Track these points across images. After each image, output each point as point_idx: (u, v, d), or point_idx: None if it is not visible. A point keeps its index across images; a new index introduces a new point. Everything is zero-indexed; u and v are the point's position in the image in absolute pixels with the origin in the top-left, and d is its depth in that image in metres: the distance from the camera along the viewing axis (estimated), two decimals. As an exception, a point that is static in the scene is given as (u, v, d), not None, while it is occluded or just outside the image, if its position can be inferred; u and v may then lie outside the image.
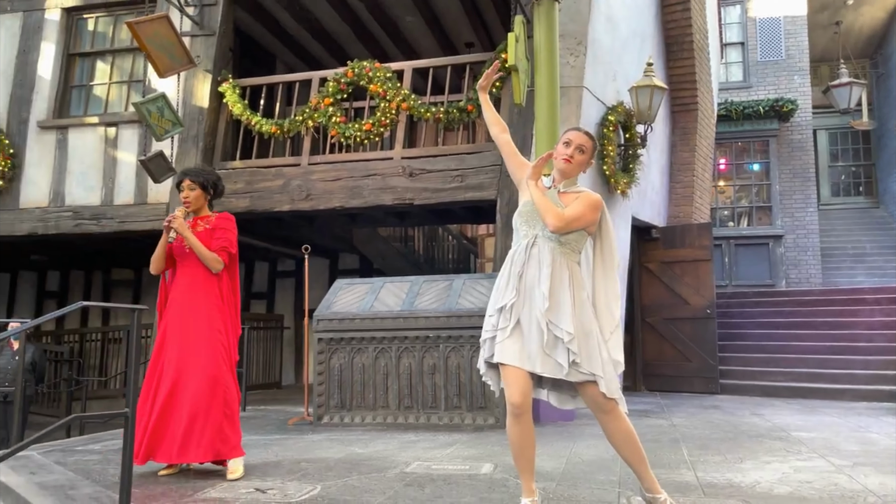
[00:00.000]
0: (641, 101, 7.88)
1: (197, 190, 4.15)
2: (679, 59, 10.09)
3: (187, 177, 4.18)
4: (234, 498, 3.30)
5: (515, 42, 6.16)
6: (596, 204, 2.94)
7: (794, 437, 4.97)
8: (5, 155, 8.99)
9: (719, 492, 3.30)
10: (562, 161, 2.99)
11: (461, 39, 11.00)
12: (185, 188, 4.15)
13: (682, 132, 10.55)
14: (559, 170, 3.02)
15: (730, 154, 14.13)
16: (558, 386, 2.96)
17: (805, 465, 3.94)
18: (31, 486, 3.64)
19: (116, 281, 13.19)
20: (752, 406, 7.13)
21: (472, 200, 7.59)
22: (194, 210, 4.18)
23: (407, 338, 5.91)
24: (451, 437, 5.21)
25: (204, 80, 8.61)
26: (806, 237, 13.43)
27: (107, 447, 5.00)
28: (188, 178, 4.17)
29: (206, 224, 4.16)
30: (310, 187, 8.03)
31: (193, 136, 8.52)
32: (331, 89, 8.10)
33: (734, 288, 12.63)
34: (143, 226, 8.65)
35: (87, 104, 9.40)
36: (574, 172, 3.02)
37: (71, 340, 12.57)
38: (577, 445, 4.73)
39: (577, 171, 3.04)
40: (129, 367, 3.23)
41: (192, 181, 4.15)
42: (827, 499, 3.15)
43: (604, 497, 3.22)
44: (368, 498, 3.26)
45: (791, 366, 8.58)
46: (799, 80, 13.90)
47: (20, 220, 9.00)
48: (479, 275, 6.87)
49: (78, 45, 9.53)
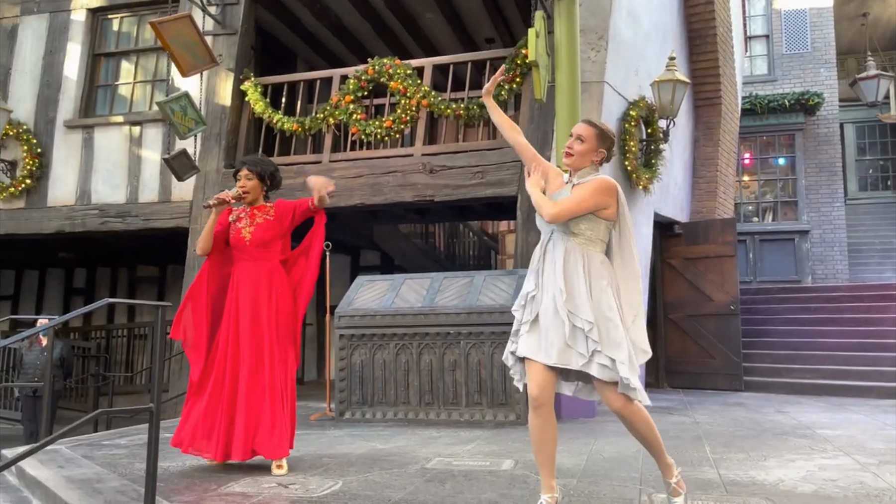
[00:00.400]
0: (663, 95, 7.80)
1: (254, 180, 4.06)
2: (702, 52, 9.98)
3: (245, 166, 4.09)
4: (257, 492, 3.33)
5: (536, 37, 6.13)
6: (602, 187, 2.87)
7: (819, 435, 4.91)
8: (33, 154, 9.15)
9: (742, 489, 3.27)
10: (564, 156, 2.98)
11: (481, 35, 10.98)
12: (241, 177, 4.06)
13: (706, 127, 10.44)
14: (566, 164, 3.00)
15: (754, 148, 13.95)
16: (587, 378, 2.92)
17: (830, 462, 3.89)
18: (59, 479, 3.71)
19: (142, 278, 13.38)
20: (777, 403, 7.05)
21: (493, 197, 7.58)
22: (250, 201, 4.09)
23: (428, 334, 5.92)
24: (471, 433, 5.22)
25: (226, 78, 8.69)
26: (832, 232, 13.22)
27: (133, 441, 5.08)
28: (246, 168, 4.07)
29: (267, 215, 4.06)
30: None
31: (216, 135, 8.61)
32: (351, 87, 8.14)
33: (759, 284, 12.48)
34: (167, 223, 8.76)
35: (112, 103, 9.54)
36: (579, 163, 2.96)
37: (98, 336, 12.79)
38: (599, 442, 4.72)
39: (583, 161, 2.95)
40: (153, 363, 3.28)
41: (250, 170, 4.06)
42: (852, 497, 3.11)
43: (625, 494, 3.21)
44: (389, 493, 3.28)
45: (817, 363, 8.46)
46: (825, 72, 13.67)
47: (48, 218, 9.16)
48: (499, 271, 6.86)
49: (103, 45, 9.67)
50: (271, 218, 4.05)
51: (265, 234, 4.02)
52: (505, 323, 5.69)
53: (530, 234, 7.23)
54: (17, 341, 7.92)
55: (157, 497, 3.11)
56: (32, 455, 3.84)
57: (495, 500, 3.12)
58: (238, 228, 4.05)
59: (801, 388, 8.02)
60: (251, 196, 4.08)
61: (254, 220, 4.05)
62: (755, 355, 8.86)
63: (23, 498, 3.86)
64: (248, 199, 4.08)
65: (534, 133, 7.43)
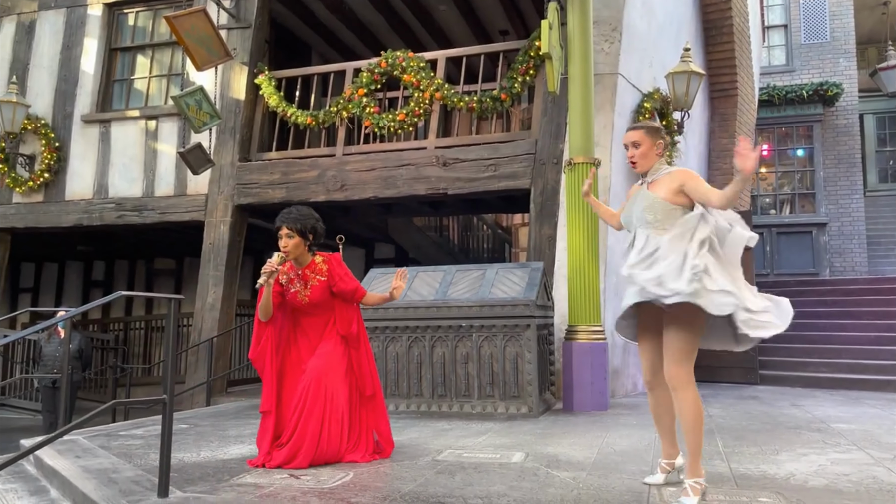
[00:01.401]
0: (678, 87, 7.75)
1: (295, 237, 3.85)
2: (718, 43, 9.88)
3: (285, 224, 3.86)
4: (268, 483, 3.37)
5: (549, 29, 6.11)
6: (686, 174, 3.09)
7: (833, 429, 4.87)
8: (51, 148, 9.27)
9: (752, 483, 3.26)
10: (632, 166, 3.21)
11: (495, 27, 10.95)
12: (283, 236, 3.85)
13: (721, 118, 10.35)
14: (638, 171, 3.22)
15: (772, 140, 13.80)
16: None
17: (843, 457, 3.86)
18: (76, 468, 3.77)
19: (159, 270, 13.52)
20: (792, 397, 7.00)
21: (506, 190, 7.58)
22: (295, 258, 3.92)
23: (440, 327, 5.94)
24: (483, 425, 5.23)
25: (240, 72, 8.74)
26: (851, 225, 13.06)
27: (149, 432, 5.15)
28: (286, 226, 3.85)
29: (319, 275, 3.93)
30: (344, 178, 8.10)
31: (231, 128, 8.67)
32: (365, 80, 8.15)
33: (776, 277, 12.38)
34: (182, 217, 8.84)
35: (128, 98, 9.63)
36: (646, 165, 3.17)
37: (116, 329, 12.95)
38: (611, 435, 4.71)
39: (649, 161, 3.16)
40: (166, 355, 3.32)
41: (290, 229, 3.84)
42: (864, 492, 3.09)
43: (634, 487, 3.20)
44: (399, 485, 3.30)
45: (834, 356, 8.39)
46: (844, 62, 13.48)
47: (66, 211, 9.27)
48: (512, 264, 6.85)
49: (119, 39, 9.76)
50: (324, 279, 3.94)
51: (322, 295, 3.93)
52: (517, 316, 5.71)
53: (543, 227, 7.22)
54: (36, 333, 8.03)
55: (170, 487, 3.16)
56: (50, 445, 3.92)
57: (504, 492, 3.14)
58: (293, 292, 3.93)
59: (817, 382, 7.95)
60: (293, 255, 3.89)
61: (308, 283, 3.92)
62: (771, 349, 8.79)
63: (41, 487, 3.93)
64: (290, 258, 3.90)
65: (547, 126, 7.41)
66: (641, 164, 3.16)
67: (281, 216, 3.93)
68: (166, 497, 3.09)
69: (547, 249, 7.13)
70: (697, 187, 3.00)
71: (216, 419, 6.00)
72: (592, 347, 6.11)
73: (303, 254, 3.94)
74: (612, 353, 6.87)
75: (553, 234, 7.12)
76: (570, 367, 6.12)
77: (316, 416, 3.76)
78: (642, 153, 3.14)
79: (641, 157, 3.14)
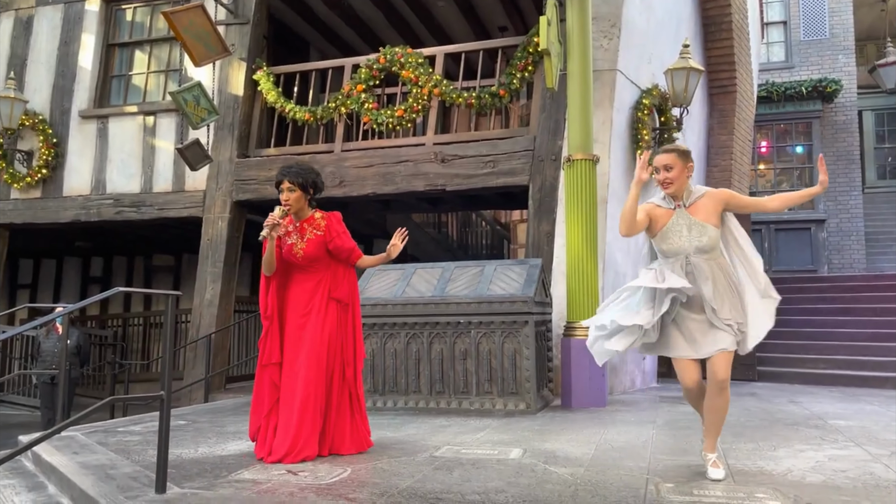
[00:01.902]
0: (677, 83, 7.73)
1: (297, 192, 3.91)
2: (717, 39, 9.87)
3: (286, 178, 3.91)
4: (266, 479, 3.37)
5: (547, 25, 6.10)
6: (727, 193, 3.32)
7: (831, 426, 4.88)
8: (49, 144, 9.25)
9: (749, 479, 3.26)
10: (664, 188, 3.30)
11: (494, 23, 10.93)
12: (284, 189, 3.91)
13: (720, 115, 10.34)
14: (671, 194, 3.29)
15: (771, 136, 13.80)
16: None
17: (840, 453, 3.87)
18: (73, 465, 3.77)
19: (158, 266, 13.51)
20: (790, 393, 7.01)
21: (505, 186, 7.58)
22: (295, 212, 3.97)
23: (438, 323, 5.93)
24: (481, 422, 5.24)
25: (239, 68, 8.72)
26: (850, 221, 13.07)
27: (147, 428, 5.15)
28: (287, 180, 3.91)
29: (317, 230, 3.96)
30: (343, 174, 8.09)
31: (229, 124, 8.65)
32: (363, 76, 8.14)
33: (774, 274, 12.36)
34: (181, 213, 8.82)
35: (126, 93, 9.61)
36: (679, 187, 3.27)
37: (114, 325, 12.94)
38: (609, 432, 4.72)
39: (682, 184, 3.27)
40: (164, 351, 3.32)
41: (292, 182, 3.90)
42: (861, 488, 3.09)
43: (632, 483, 3.21)
44: (397, 481, 3.30)
45: (832, 353, 8.40)
46: (843, 59, 13.47)
47: (64, 207, 9.26)
48: (510, 261, 6.85)
49: (117, 35, 9.74)
50: (321, 233, 3.95)
51: (318, 251, 3.94)
52: (515, 312, 5.71)
53: (542, 224, 7.22)
54: (34, 329, 8.03)
55: (168, 483, 3.16)
56: (48, 441, 3.93)
57: (502, 488, 3.14)
58: (289, 245, 3.95)
59: (815, 379, 7.97)
60: (294, 208, 3.95)
61: (304, 236, 3.94)
62: (769, 345, 8.78)
63: (38, 483, 3.93)
64: (293, 211, 3.96)
65: (546, 122, 7.40)
66: (677, 186, 3.25)
67: (282, 170, 4.00)
68: (164, 493, 3.09)
69: (545, 246, 7.13)
70: (744, 201, 3.36)
71: (214, 415, 6.00)
72: (591, 344, 6.11)
73: (303, 208, 4.00)
74: (611, 349, 6.87)
75: (551, 230, 7.12)
76: (569, 363, 6.12)
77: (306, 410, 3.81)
78: (675, 175, 3.24)
79: (676, 180, 3.25)
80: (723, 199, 3.26)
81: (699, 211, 3.23)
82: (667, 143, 7.97)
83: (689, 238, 3.21)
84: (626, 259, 7.58)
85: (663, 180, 3.26)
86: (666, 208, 3.29)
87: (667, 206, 3.29)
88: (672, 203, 3.28)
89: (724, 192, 3.30)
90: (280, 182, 3.95)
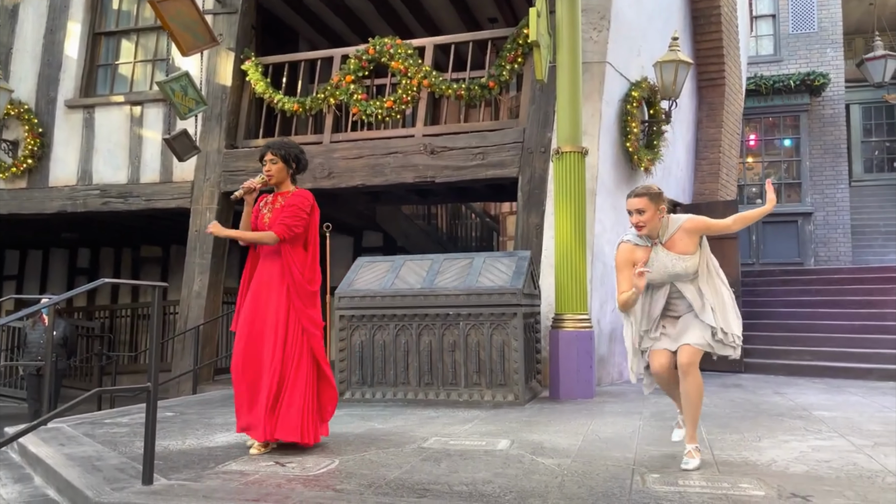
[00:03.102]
0: (666, 76, 7.75)
1: (279, 163, 4.00)
2: (706, 32, 9.89)
3: (269, 149, 4.04)
4: (254, 471, 3.37)
5: (537, 17, 6.09)
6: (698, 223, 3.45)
7: (815, 417, 4.93)
8: (35, 134, 9.16)
9: (734, 470, 3.30)
10: (638, 230, 3.43)
11: (484, 15, 10.89)
12: (266, 161, 4.01)
13: (709, 108, 10.37)
14: (645, 235, 3.44)
15: (759, 129, 13.86)
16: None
17: (824, 444, 3.91)
18: (60, 456, 3.76)
19: (145, 258, 13.43)
20: (775, 385, 7.07)
21: (494, 178, 7.58)
22: (276, 183, 4.03)
23: (427, 315, 5.94)
24: (469, 413, 5.25)
25: (227, 58, 8.66)
26: (836, 214, 13.17)
27: (134, 420, 5.14)
28: (270, 151, 4.02)
29: (283, 200, 4.00)
30: (332, 165, 8.07)
31: (217, 115, 8.60)
32: (352, 66, 8.10)
33: (761, 266, 12.47)
34: (168, 204, 8.77)
35: (112, 83, 9.52)
36: (653, 228, 3.41)
37: (101, 316, 12.86)
38: (596, 422, 4.74)
39: (656, 224, 3.41)
40: (151, 343, 3.30)
41: (274, 154, 4.00)
42: (844, 478, 3.13)
43: (618, 474, 3.23)
44: (385, 472, 3.31)
45: (817, 345, 8.46)
46: (832, 52, 13.54)
47: (50, 198, 9.18)
48: (499, 253, 6.86)
49: (103, 24, 9.63)
50: (283, 204, 3.98)
51: (277, 219, 3.93)
52: (504, 304, 5.72)
53: (531, 216, 7.23)
54: (19, 320, 7.98)
55: (155, 474, 3.16)
56: (34, 433, 3.91)
57: (489, 479, 3.15)
58: (262, 214, 4.02)
59: (800, 370, 8.03)
60: (276, 179, 4.02)
61: (274, 205, 4.00)
62: (756, 337, 8.86)
63: (25, 475, 3.91)
64: (274, 182, 4.02)
65: (535, 114, 7.40)
66: (648, 228, 3.40)
67: (267, 142, 4.19)
68: (151, 485, 3.08)
69: (534, 238, 7.14)
70: (712, 226, 3.44)
71: (202, 407, 5.99)
72: (578, 335, 6.14)
73: (284, 181, 4.07)
74: (598, 341, 6.91)
75: (540, 222, 7.13)
76: (557, 355, 6.15)
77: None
78: (647, 219, 3.37)
79: (647, 222, 3.38)
80: (696, 228, 3.42)
81: (675, 244, 3.41)
82: (655, 136, 8.01)
83: (671, 269, 3.41)
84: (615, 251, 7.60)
85: (636, 223, 3.40)
86: (644, 246, 3.46)
87: (644, 244, 3.46)
88: (649, 241, 3.45)
89: (695, 221, 3.44)
90: (264, 154, 4.07)
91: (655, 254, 3.42)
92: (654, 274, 3.40)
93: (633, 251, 3.47)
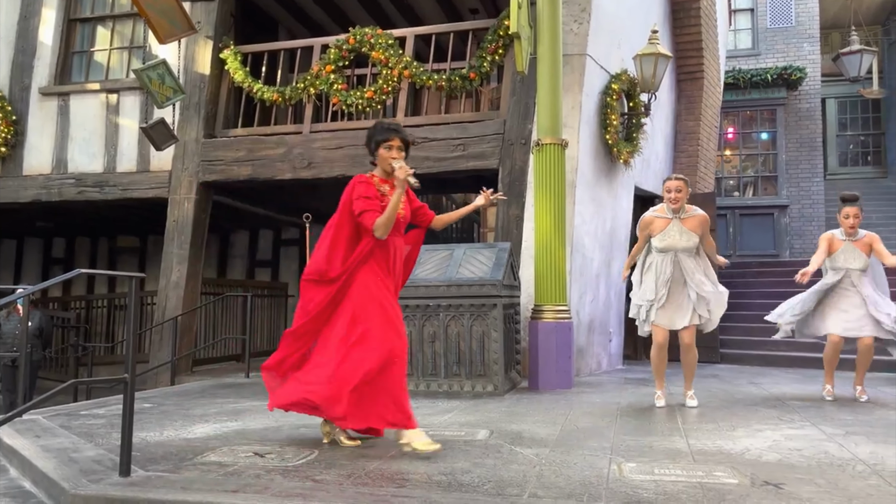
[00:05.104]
0: (646, 69, 7.79)
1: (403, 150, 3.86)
2: (685, 26, 9.94)
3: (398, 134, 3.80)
4: (232, 462, 3.36)
5: (518, 9, 6.09)
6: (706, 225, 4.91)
7: (788, 406, 5.02)
8: (8, 122, 9.00)
9: (709, 458, 3.35)
10: (673, 204, 4.82)
11: (465, 5, 10.86)
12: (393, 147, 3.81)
13: (688, 101, 10.45)
14: (674, 208, 4.82)
15: (737, 123, 14.00)
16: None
17: (797, 433, 3.99)
18: (35, 448, 3.72)
19: (122, 248, 13.28)
20: (750, 375, 7.18)
21: (475, 170, 7.58)
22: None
23: (407, 306, 5.93)
24: (449, 403, 5.28)
25: (205, 46, 8.56)
26: (811, 207, 13.36)
27: (111, 412, 5.10)
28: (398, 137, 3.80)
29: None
30: (311, 155, 8.02)
31: (195, 104, 8.50)
32: (332, 56, 8.05)
33: (738, 258, 12.61)
34: (145, 193, 8.68)
35: (88, 70, 9.37)
36: (682, 206, 4.83)
37: (77, 307, 12.70)
38: (574, 413, 4.79)
39: (683, 203, 4.84)
40: (127, 334, 3.27)
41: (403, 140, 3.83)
42: (815, 466, 3.20)
43: (595, 463, 3.27)
44: (364, 462, 3.32)
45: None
46: (808, 47, 13.69)
47: (24, 187, 9.04)
48: (479, 244, 6.88)
49: (78, 10, 9.47)
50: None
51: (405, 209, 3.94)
52: (484, 296, 5.75)
53: (511, 208, 7.25)
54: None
55: (132, 466, 3.14)
56: (9, 424, 3.86)
57: (468, 468, 3.18)
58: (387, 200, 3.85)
59: (774, 361, 8.16)
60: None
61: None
62: (732, 328, 8.98)
63: (0, 466, 3.87)
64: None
65: (516, 106, 7.41)
66: (680, 203, 4.80)
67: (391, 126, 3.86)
68: (128, 476, 3.07)
69: (514, 229, 7.16)
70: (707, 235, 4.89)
71: (181, 398, 5.96)
72: (558, 326, 6.19)
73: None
74: (577, 332, 6.96)
75: (520, 214, 7.15)
76: (536, 346, 6.19)
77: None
78: (682, 196, 4.80)
79: (681, 199, 4.80)
80: (703, 225, 4.85)
81: (689, 223, 4.81)
82: (634, 128, 8.06)
83: (679, 240, 4.77)
84: (594, 243, 7.66)
85: (674, 199, 4.78)
86: (664, 217, 4.83)
87: (665, 216, 4.83)
88: (672, 214, 4.81)
89: (706, 223, 4.87)
90: (388, 139, 3.76)
91: (674, 224, 4.80)
92: (670, 240, 4.76)
93: (652, 221, 4.88)
